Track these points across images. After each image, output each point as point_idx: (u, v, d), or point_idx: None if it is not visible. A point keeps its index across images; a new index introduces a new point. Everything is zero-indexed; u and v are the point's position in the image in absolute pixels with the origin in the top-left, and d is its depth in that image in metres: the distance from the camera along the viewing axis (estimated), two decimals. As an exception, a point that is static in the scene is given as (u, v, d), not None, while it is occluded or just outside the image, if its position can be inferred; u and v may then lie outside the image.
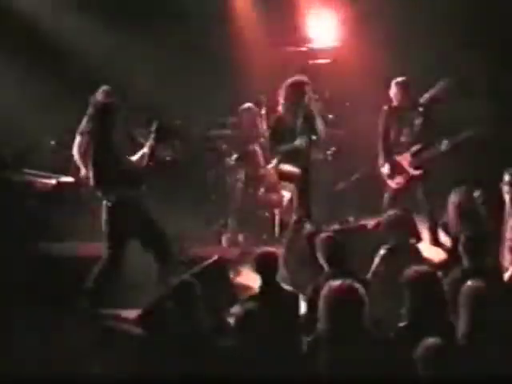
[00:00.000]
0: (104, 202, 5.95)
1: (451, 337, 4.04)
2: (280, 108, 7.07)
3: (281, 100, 7.06)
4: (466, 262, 5.08)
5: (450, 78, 7.85)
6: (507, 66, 8.48)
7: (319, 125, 7.09)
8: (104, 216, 5.97)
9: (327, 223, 7.67)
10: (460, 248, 5.13)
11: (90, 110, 6.80)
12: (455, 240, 5.63)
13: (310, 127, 7.06)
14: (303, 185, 7.09)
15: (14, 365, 5.06)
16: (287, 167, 7.06)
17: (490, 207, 6.30)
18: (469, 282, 4.18)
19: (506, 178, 5.89)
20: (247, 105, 8.49)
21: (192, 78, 8.98)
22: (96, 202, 6.10)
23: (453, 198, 6.08)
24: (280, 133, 7.06)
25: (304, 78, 7.13)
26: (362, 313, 3.92)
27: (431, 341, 3.71)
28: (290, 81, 7.13)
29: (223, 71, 9.17)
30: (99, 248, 6.13)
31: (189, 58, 8.98)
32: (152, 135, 6.13)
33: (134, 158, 6.17)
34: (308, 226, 6.93)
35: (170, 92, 8.74)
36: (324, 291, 3.98)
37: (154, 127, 6.13)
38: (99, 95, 7.33)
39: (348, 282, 3.98)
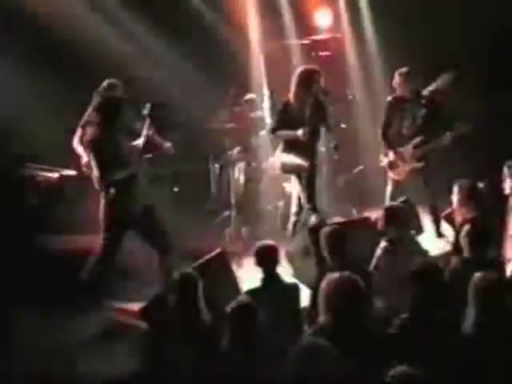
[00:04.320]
0: (103, 193, 5.97)
1: (454, 328, 4.04)
2: (290, 95, 7.09)
3: (291, 87, 7.07)
4: (468, 253, 5.07)
5: (454, 72, 7.82)
6: (506, 60, 8.47)
7: (330, 117, 7.09)
8: (102, 207, 5.98)
9: (330, 216, 7.67)
10: (463, 238, 5.12)
11: (94, 103, 6.80)
12: (458, 231, 5.60)
13: (320, 118, 7.06)
14: (310, 177, 7.09)
15: (13, 362, 5.07)
16: (293, 159, 7.06)
17: (491, 199, 6.29)
18: (477, 274, 4.14)
19: (506, 170, 5.90)
20: (249, 95, 8.51)
21: (194, 72, 8.97)
22: (96, 195, 6.10)
23: (457, 189, 6.06)
24: (284, 118, 7.06)
25: (315, 67, 7.15)
26: (361, 305, 3.92)
27: None
28: (300, 68, 7.16)
29: (226, 64, 9.16)
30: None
31: (191, 51, 8.96)
32: (146, 119, 6.13)
33: (133, 143, 6.18)
34: (313, 219, 6.93)
35: (171, 86, 8.74)
36: (323, 283, 3.98)
37: (146, 111, 6.13)
38: (104, 88, 7.33)
39: (346, 273, 3.97)
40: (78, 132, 7.33)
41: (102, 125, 5.97)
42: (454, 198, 6.11)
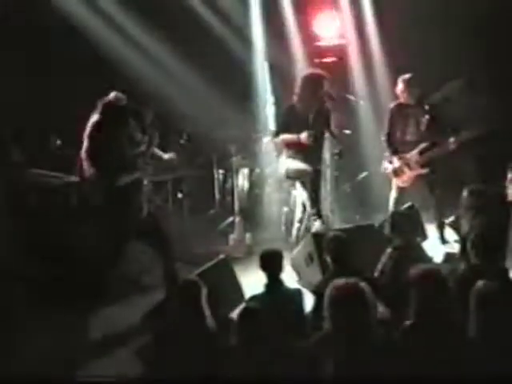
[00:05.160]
0: (107, 197, 5.96)
1: (456, 337, 4.03)
2: (295, 98, 7.07)
3: (296, 90, 7.05)
4: (474, 260, 5.04)
5: (461, 79, 7.81)
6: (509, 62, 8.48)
7: (332, 122, 7.07)
8: (106, 210, 5.98)
9: (334, 222, 7.66)
10: (469, 245, 5.10)
11: (100, 113, 6.81)
12: (464, 238, 5.58)
13: (324, 122, 7.05)
14: (314, 183, 7.08)
15: (16, 364, 5.07)
16: (298, 164, 7.05)
17: (498, 205, 6.27)
18: (480, 283, 4.13)
19: (510, 176, 5.89)
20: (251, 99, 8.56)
21: (197, 78, 8.98)
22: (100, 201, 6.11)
23: (466, 195, 6.05)
24: (288, 122, 7.04)
25: (322, 71, 7.13)
26: (366, 312, 3.91)
27: None
28: (307, 71, 7.15)
29: (230, 70, 9.16)
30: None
31: (194, 57, 8.97)
32: (149, 128, 6.14)
33: (137, 150, 6.19)
34: (317, 224, 6.92)
35: (174, 92, 8.75)
36: (328, 290, 3.97)
37: (149, 119, 6.13)
38: (109, 99, 7.36)
39: (352, 280, 3.96)
40: (85, 143, 7.33)
41: (107, 132, 5.98)
42: (463, 203, 6.10)
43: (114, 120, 6.02)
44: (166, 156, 6.53)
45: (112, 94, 7.12)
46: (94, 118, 7.14)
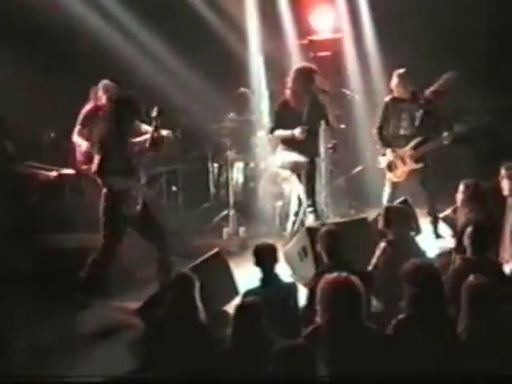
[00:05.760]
0: (103, 191, 5.95)
1: (450, 331, 4.04)
2: (287, 92, 7.07)
3: (288, 85, 7.05)
4: (469, 254, 5.06)
5: (455, 71, 7.81)
6: (506, 59, 8.48)
7: (330, 115, 7.08)
8: (102, 204, 5.97)
9: (328, 216, 7.67)
10: (465, 239, 5.11)
11: (104, 102, 6.81)
12: (460, 233, 5.59)
13: (319, 116, 7.05)
14: (309, 175, 7.08)
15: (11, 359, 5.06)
16: (293, 157, 7.05)
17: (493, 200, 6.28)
18: (471, 278, 4.15)
19: (503, 172, 5.91)
20: (242, 89, 8.55)
21: (193, 72, 8.97)
22: (96, 194, 6.09)
23: (463, 189, 6.06)
24: (282, 117, 7.05)
25: (313, 65, 7.14)
26: (358, 305, 3.92)
27: None
28: (298, 66, 7.15)
29: (225, 64, 9.15)
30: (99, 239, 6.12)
31: (190, 51, 8.95)
32: (153, 121, 6.12)
33: (137, 139, 6.16)
34: (311, 217, 6.93)
35: (170, 86, 8.73)
36: (321, 284, 3.98)
37: (154, 113, 6.11)
38: (102, 88, 7.35)
39: (344, 274, 3.97)
40: (78, 127, 7.33)
41: (113, 124, 5.94)
42: (459, 196, 6.11)
43: (122, 112, 5.98)
44: (164, 132, 6.48)
45: (102, 83, 7.15)
46: (89, 106, 7.16)
